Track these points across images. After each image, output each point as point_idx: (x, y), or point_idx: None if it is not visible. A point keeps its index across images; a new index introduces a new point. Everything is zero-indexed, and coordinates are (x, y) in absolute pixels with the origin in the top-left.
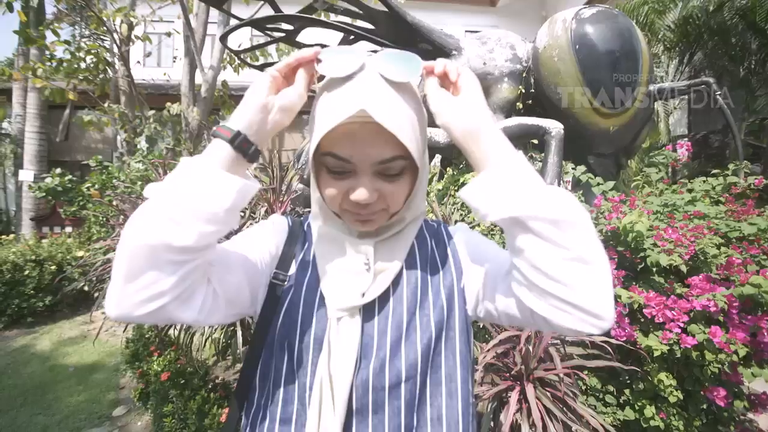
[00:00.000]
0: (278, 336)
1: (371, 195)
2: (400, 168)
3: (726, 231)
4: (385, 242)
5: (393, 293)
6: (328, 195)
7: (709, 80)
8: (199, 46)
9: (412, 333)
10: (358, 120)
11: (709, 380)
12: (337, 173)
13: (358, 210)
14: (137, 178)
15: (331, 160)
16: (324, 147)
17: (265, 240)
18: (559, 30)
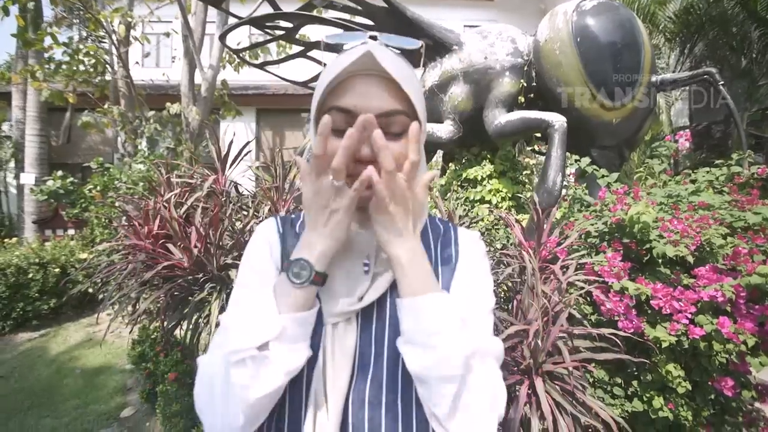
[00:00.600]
0: None
1: (371, 150)
2: (404, 125)
3: (731, 221)
4: None
5: (391, 298)
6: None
7: (712, 70)
8: (198, 45)
9: None
10: (362, 72)
11: (717, 370)
12: (340, 130)
13: (360, 170)
14: (139, 179)
15: (334, 114)
16: (326, 104)
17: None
18: (560, 22)
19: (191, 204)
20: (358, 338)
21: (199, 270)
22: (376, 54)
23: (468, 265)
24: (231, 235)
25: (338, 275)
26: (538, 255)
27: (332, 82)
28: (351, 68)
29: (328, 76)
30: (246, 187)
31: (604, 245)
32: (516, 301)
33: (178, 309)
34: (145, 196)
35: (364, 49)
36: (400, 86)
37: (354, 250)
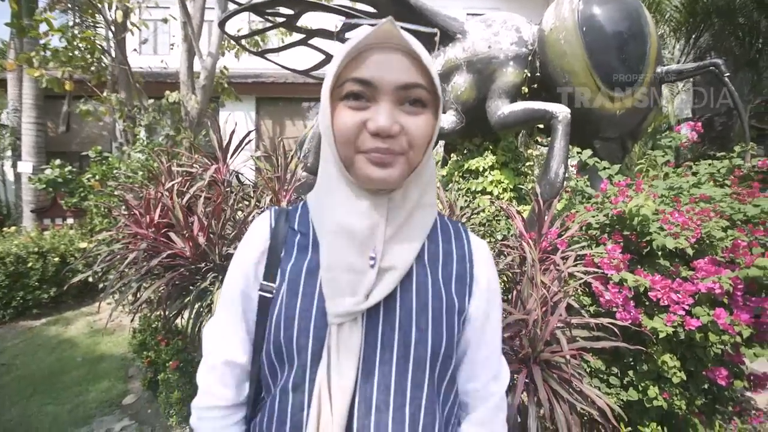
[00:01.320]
0: (274, 350)
1: (392, 121)
2: (422, 98)
3: (731, 214)
4: (397, 232)
5: (400, 298)
6: (343, 130)
7: (718, 62)
8: (197, 32)
9: (422, 351)
10: (381, 45)
11: (712, 361)
12: (356, 101)
13: (376, 145)
14: (138, 168)
15: (350, 85)
16: (343, 76)
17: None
18: (565, 12)
19: (193, 193)
20: (363, 339)
21: (201, 259)
22: (397, 26)
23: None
24: (233, 225)
25: (341, 269)
26: (539, 246)
27: (351, 53)
28: (370, 40)
29: (347, 47)
30: (247, 177)
31: (604, 237)
32: (516, 291)
33: (180, 298)
34: (146, 185)
35: (383, 22)
36: (419, 61)
37: (359, 241)
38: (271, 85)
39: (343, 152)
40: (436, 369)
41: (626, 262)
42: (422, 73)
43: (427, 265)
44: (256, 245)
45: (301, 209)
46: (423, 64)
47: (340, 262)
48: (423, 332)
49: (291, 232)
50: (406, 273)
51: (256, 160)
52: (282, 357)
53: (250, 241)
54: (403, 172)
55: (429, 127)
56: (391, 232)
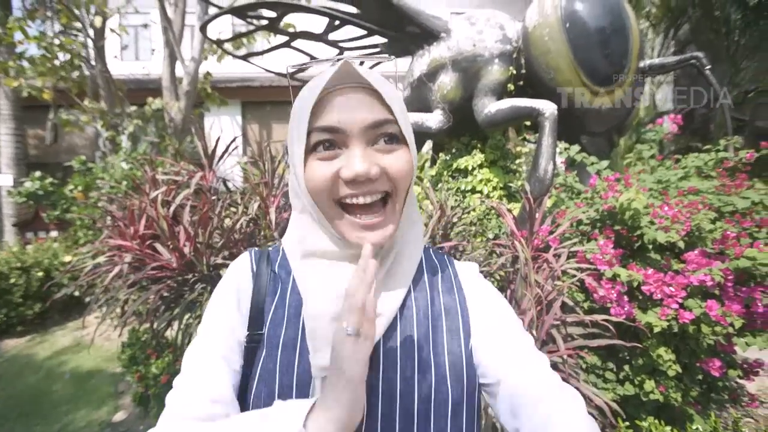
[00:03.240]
0: (253, 403)
1: (368, 164)
2: (395, 134)
3: (719, 206)
4: (384, 279)
5: (384, 346)
6: (317, 184)
7: (699, 55)
8: (178, 37)
9: (409, 404)
10: (339, 87)
11: (705, 352)
12: (326, 150)
13: (355, 192)
14: (122, 177)
15: (316, 135)
16: (308, 126)
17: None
18: (548, 8)
19: (179, 202)
20: None
21: (188, 270)
22: (354, 64)
23: (477, 295)
24: (221, 233)
25: (326, 319)
26: (531, 244)
27: (311, 102)
28: (330, 83)
29: (308, 99)
30: (235, 183)
31: (595, 233)
32: (510, 291)
33: (168, 310)
34: (130, 195)
35: (340, 65)
36: (383, 97)
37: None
38: (257, 89)
39: (322, 207)
40: (430, 420)
41: (618, 257)
42: (387, 108)
43: (413, 306)
44: (238, 291)
45: (281, 253)
46: (388, 98)
47: (325, 312)
48: (408, 380)
49: (273, 275)
50: (393, 318)
51: (243, 166)
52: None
53: (231, 288)
54: (393, 224)
55: (408, 162)
56: (378, 279)
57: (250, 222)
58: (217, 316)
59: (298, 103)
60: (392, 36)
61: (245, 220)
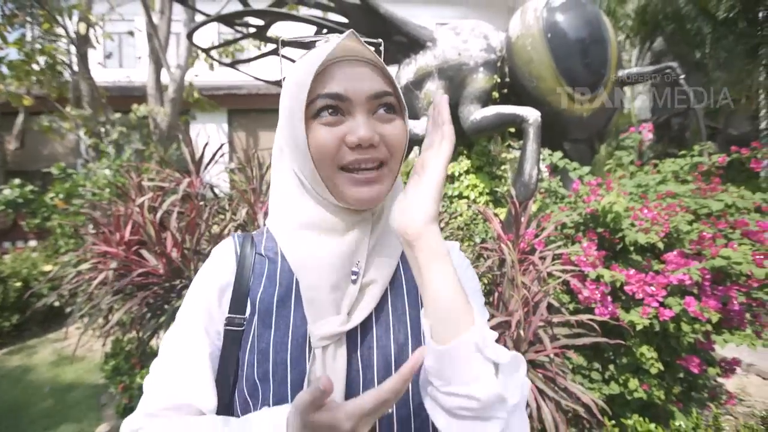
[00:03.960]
0: (247, 388)
1: (371, 131)
2: (393, 105)
3: (695, 208)
4: (376, 245)
5: (376, 312)
6: (322, 148)
7: (673, 65)
8: (164, 44)
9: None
10: (344, 58)
11: (685, 350)
12: (331, 117)
13: (357, 157)
14: (105, 184)
15: (322, 101)
16: (311, 94)
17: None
18: (531, 19)
19: (166, 209)
20: (348, 363)
21: (175, 276)
22: (360, 39)
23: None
24: (208, 239)
25: (324, 289)
26: (517, 247)
27: (317, 69)
28: (335, 54)
29: (312, 64)
30: (222, 190)
31: (579, 236)
32: (497, 293)
33: (154, 317)
34: (114, 202)
35: (345, 33)
36: (382, 70)
37: (343, 259)
38: (244, 97)
39: (323, 172)
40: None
41: (601, 258)
42: (387, 81)
43: (402, 275)
44: (221, 275)
45: (266, 234)
46: (386, 73)
47: (324, 281)
48: (402, 345)
49: (258, 258)
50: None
51: (230, 173)
52: (257, 394)
53: (213, 271)
54: (388, 185)
55: (403, 132)
56: (371, 245)
57: (239, 228)
58: (197, 299)
59: (297, 74)
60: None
61: (233, 225)
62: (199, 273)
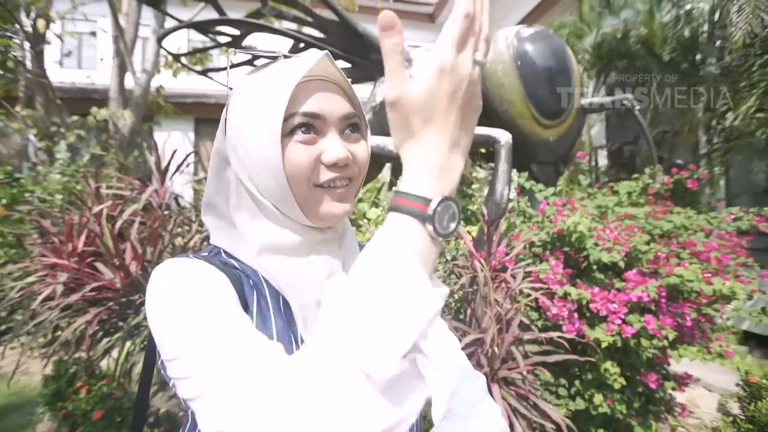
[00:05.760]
0: None
1: (346, 150)
2: (358, 125)
3: (650, 229)
4: (346, 258)
5: None
6: (297, 167)
7: (630, 96)
8: (130, 47)
9: None
10: (314, 78)
11: (644, 365)
12: (306, 135)
13: (334, 176)
14: (56, 190)
15: (299, 119)
16: (286, 111)
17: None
18: (502, 47)
19: (126, 218)
20: None
21: (134, 291)
22: (330, 60)
23: None
24: (171, 252)
25: (312, 306)
26: (489, 265)
27: (291, 87)
28: (310, 73)
29: (288, 80)
30: (188, 201)
31: (547, 254)
32: (470, 310)
33: (107, 336)
34: (67, 210)
35: (320, 54)
36: (348, 92)
37: (321, 272)
38: (212, 106)
39: (296, 190)
40: None
41: (568, 276)
42: (352, 103)
43: None
44: (222, 281)
45: (224, 254)
46: (352, 95)
47: (310, 300)
48: None
49: (235, 271)
50: None
51: (195, 183)
52: None
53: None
54: (353, 202)
55: (367, 151)
56: (342, 259)
57: (204, 240)
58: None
59: (267, 88)
60: (356, 62)
61: (199, 238)
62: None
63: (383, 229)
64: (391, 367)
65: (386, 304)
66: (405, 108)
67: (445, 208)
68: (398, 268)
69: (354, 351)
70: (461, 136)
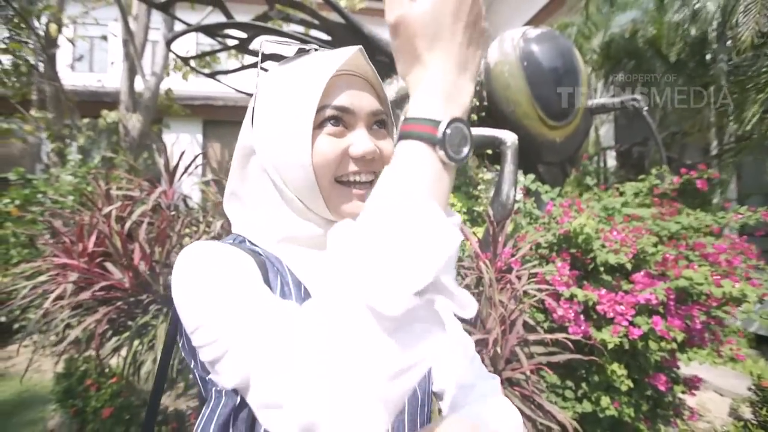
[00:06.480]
0: None
1: (374, 145)
2: (386, 122)
3: (657, 230)
4: None
5: None
6: (325, 157)
7: (638, 97)
8: (140, 51)
9: None
10: (348, 72)
11: (653, 368)
12: (335, 128)
13: (358, 169)
14: (68, 191)
15: (329, 112)
16: (319, 103)
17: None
18: (508, 48)
19: (135, 219)
20: None
21: (142, 290)
22: (363, 55)
23: None
24: (179, 252)
25: None
26: (494, 266)
27: (324, 80)
28: (343, 67)
29: (320, 73)
30: (195, 201)
31: (553, 255)
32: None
33: (116, 335)
34: (78, 211)
35: (354, 49)
36: (379, 88)
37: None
38: (220, 108)
39: (322, 182)
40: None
41: (574, 278)
42: (381, 100)
43: None
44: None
45: (247, 242)
46: (381, 92)
47: None
48: None
49: (259, 258)
50: None
51: (203, 185)
52: None
53: (239, 258)
54: None
55: (393, 147)
56: None
57: (213, 239)
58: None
59: (299, 80)
60: None
61: (207, 238)
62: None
63: (393, 160)
64: (401, 305)
65: (395, 237)
66: (408, 30)
67: (455, 131)
68: (407, 198)
69: (362, 288)
70: (468, 58)
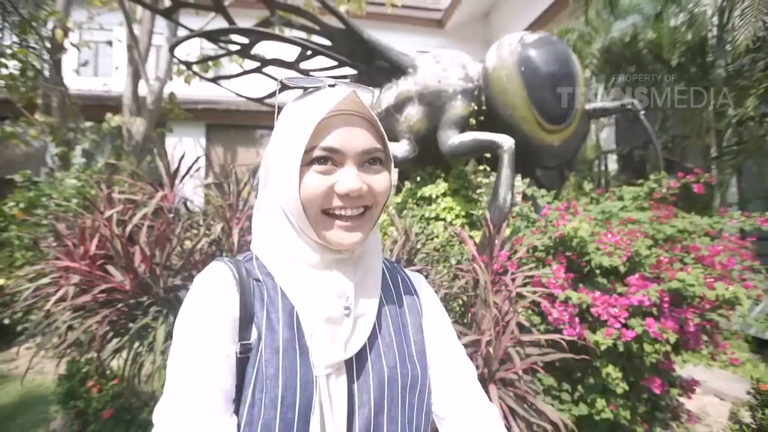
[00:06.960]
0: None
1: (360, 182)
2: (381, 159)
3: (653, 233)
4: (361, 281)
5: (368, 342)
6: (311, 194)
7: (634, 101)
8: (144, 56)
9: (394, 390)
10: (342, 112)
11: (648, 370)
12: (323, 166)
13: (344, 204)
14: (72, 195)
15: (318, 152)
16: (309, 144)
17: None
18: (506, 52)
19: (136, 222)
20: (348, 389)
21: (143, 292)
22: (360, 95)
23: (429, 302)
24: (180, 254)
25: (322, 322)
26: (491, 268)
27: (316, 122)
28: (336, 108)
29: (313, 115)
30: (197, 205)
31: (549, 258)
32: (470, 314)
33: (117, 336)
34: (81, 214)
35: (347, 89)
36: (375, 126)
37: (332, 291)
38: (223, 112)
39: (311, 215)
40: (406, 402)
41: (570, 281)
42: (377, 137)
43: (385, 304)
44: (229, 304)
45: (255, 261)
46: (378, 128)
47: (320, 316)
48: (393, 368)
49: (256, 283)
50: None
51: (205, 188)
52: (260, 419)
53: (220, 300)
54: (368, 231)
55: (388, 182)
56: (356, 282)
57: (212, 244)
58: (202, 329)
59: (295, 119)
60: (362, 68)
61: (206, 241)
62: (199, 300)
63: None
64: None
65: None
66: None
67: None
68: None
69: None
70: None
